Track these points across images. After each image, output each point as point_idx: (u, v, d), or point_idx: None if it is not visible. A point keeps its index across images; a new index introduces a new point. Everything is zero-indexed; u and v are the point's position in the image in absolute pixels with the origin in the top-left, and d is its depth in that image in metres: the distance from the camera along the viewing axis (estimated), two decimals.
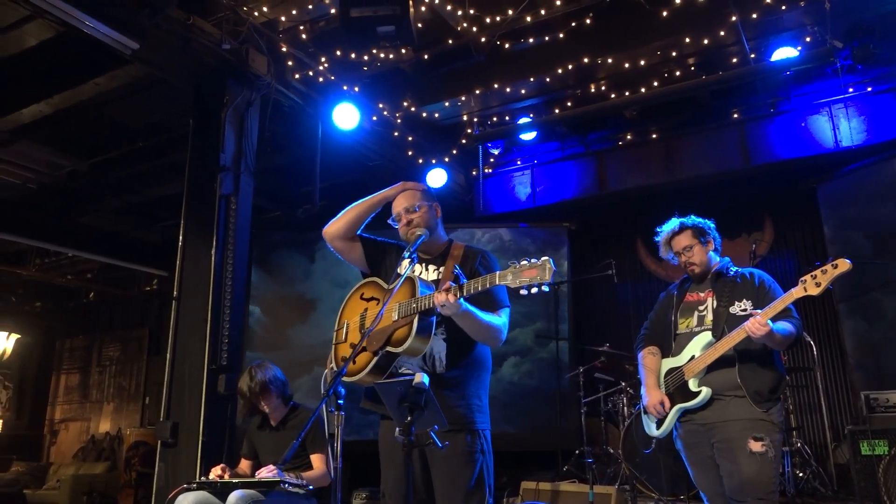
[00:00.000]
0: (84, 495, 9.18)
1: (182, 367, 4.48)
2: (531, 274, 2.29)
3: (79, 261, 9.52)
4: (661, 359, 3.29)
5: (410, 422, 2.24)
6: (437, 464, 2.61)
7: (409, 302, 2.58)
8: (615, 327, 6.88)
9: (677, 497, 4.60)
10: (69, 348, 11.42)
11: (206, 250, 4.59)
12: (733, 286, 3.18)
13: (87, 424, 10.78)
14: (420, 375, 2.25)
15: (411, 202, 2.87)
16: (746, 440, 2.91)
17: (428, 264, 2.86)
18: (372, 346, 2.62)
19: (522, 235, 6.84)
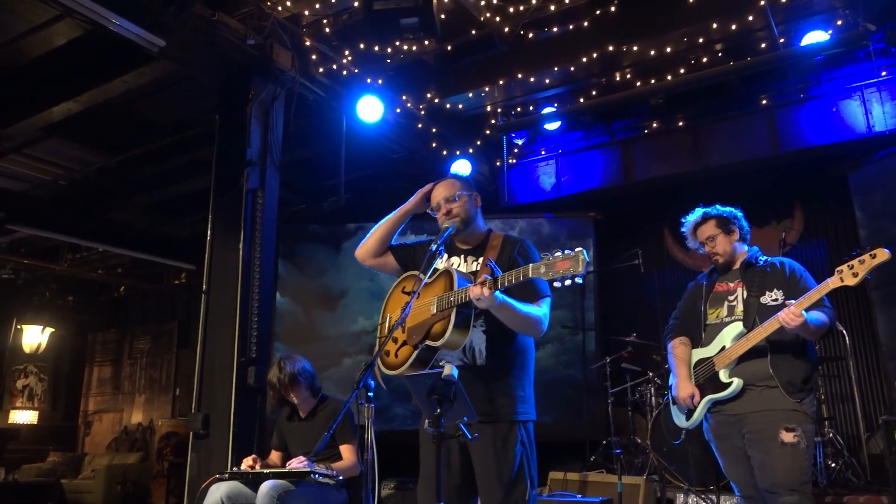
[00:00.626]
0: (118, 485, 9.38)
1: (212, 360, 4.54)
2: (564, 266, 2.28)
3: (109, 256, 9.68)
4: (689, 348, 3.27)
5: (440, 414, 2.25)
6: (478, 455, 2.61)
7: (446, 295, 2.58)
8: (642, 317, 6.83)
9: (707, 487, 4.57)
10: (101, 341, 11.63)
11: (233, 244, 4.64)
12: (763, 276, 3.14)
13: (119, 416, 10.99)
14: (449, 367, 2.25)
15: (451, 192, 2.86)
16: (778, 431, 2.88)
17: (467, 255, 2.86)
18: (412, 340, 2.64)
19: (548, 226, 6.81)
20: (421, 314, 2.67)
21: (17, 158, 6.98)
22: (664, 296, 6.64)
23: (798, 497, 2.81)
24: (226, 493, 3.54)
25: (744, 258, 3.24)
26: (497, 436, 2.60)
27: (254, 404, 4.46)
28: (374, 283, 6.56)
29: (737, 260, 3.25)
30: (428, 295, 2.68)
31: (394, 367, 2.68)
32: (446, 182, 2.91)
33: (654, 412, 5.27)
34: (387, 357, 2.74)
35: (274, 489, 3.40)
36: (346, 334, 6.44)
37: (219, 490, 3.55)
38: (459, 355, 2.66)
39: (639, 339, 5.86)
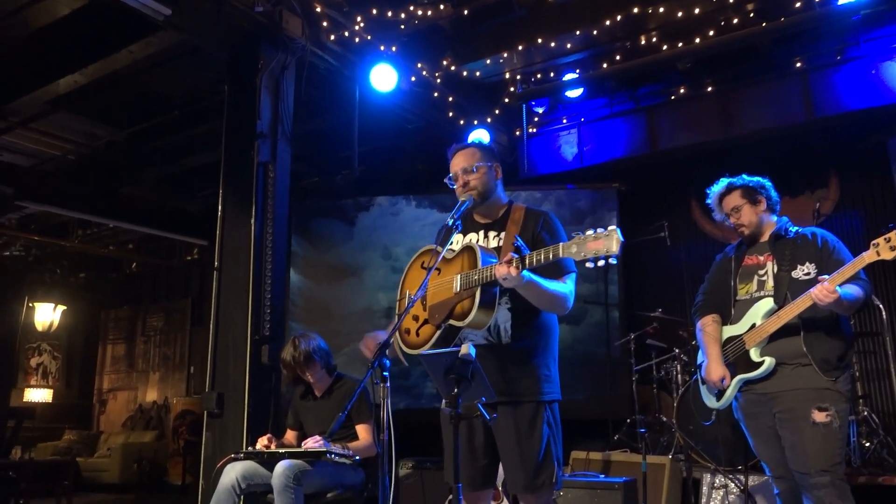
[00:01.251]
0: (134, 463, 9.60)
1: (225, 338, 4.59)
2: (597, 245, 2.24)
3: (120, 231, 9.79)
4: (719, 325, 3.24)
5: (457, 394, 2.27)
6: (503, 436, 2.62)
7: (470, 273, 2.56)
8: (668, 292, 6.78)
9: (735, 467, 4.57)
10: (114, 318, 11.82)
11: (245, 219, 4.66)
12: (794, 248, 3.09)
13: (134, 394, 11.20)
14: (466, 346, 2.26)
15: (470, 162, 2.80)
16: (810, 410, 2.86)
17: (487, 230, 2.82)
18: (434, 319, 2.64)
19: (570, 197, 6.76)
20: (443, 292, 2.67)
21: (24, 133, 7.04)
22: (691, 269, 6.58)
23: (830, 478, 2.79)
24: (241, 472, 3.60)
25: (772, 230, 3.18)
26: (523, 417, 2.61)
27: (268, 383, 4.51)
28: (390, 259, 6.58)
29: (765, 232, 3.20)
30: (449, 272, 2.67)
31: (415, 346, 2.69)
32: (465, 151, 2.85)
33: (681, 390, 5.26)
34: (407, 335, 2.75)
35: (290, 469, 3.45)
36: (362, 311, 6.47)
37: (234, 470, 3.61)
38: (484, 334, 2.66)
39: (665, 314, 5.83)
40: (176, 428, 9.81)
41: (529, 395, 2.63)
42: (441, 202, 6.57)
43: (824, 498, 2.79)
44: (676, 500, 4.61)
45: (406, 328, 2.75)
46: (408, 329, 2.74)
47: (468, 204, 2.75)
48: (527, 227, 2.73)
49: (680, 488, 4.66)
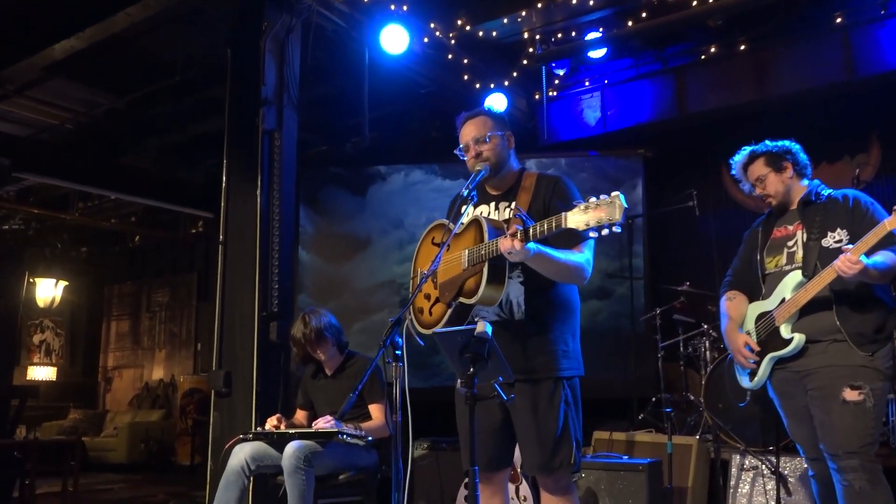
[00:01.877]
0: (141, 443, 9.79)
1: (232, 315, 4.63)
2: (600, 213, 2.23)
3: (122, 204, 9.85)
4: (745, 302, 3.19)
5: (473, 373, 2.27)
6: (520, 416, 2.63)
7: (476, 248, 2.56)
8: (696, 264, 6.73)
9: (766, 448, 4.57)
10: (118, 294, 11.96)
11: (250, 191, 4.67)
12: (825, 213, 3.01)
13: (140, 371, 11.37)
14: (482, 324, 2.26)
15: (481, 131, 2.78)
16: (841, 388, 2.82)
17: (498, 202, 2.81)
18: (445, 298, 2.65)
19: (592, 165, 6.71)
20: (452, 268, 2.67)
21: (20, 101, 7.06)
22: (721, 241, 6.52)
23: (859, 460, 2.77)
24: (250, 454, 3.65)
25: (803, 195, 3.11)
26: (539, 395, 2.61)
27: (277, 361, 4.55)
28: (403, 230, 6.58)
29: (794, 199, 3.12)
30: (458, 247, 2.67)
31: (428, 326, 2.71)
32: (476, 119, 2.83)
33: (709, 367, 5.25)
34: (420, 315, 2.77)
35: (300, 450, 3.49)
36: (375, 285, 6.49)
37: (243, 451, 3.66)
38: (496, 310, 2.66)
39: (692, 288, 5.80)
40: (183, 407, 9.97)
41: (546, 372, 2.63)
42: (456, 171, 6.54)
43: (853, 481, 2.76)
44: (704, 483, 4.62)
45: (419, 307, 2.76)
46: (421, 308, 2.76)
47: (483, 174, 2.73)
48: (538, 194, 2.71)
49: (707, 470, 4.67)
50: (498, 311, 2.66)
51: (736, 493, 4.44)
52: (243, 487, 3.61)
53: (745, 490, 4.43)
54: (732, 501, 4.43)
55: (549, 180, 2.76)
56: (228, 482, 3.60)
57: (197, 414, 9.58)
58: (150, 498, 7.45)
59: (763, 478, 4.40)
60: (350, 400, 2.63)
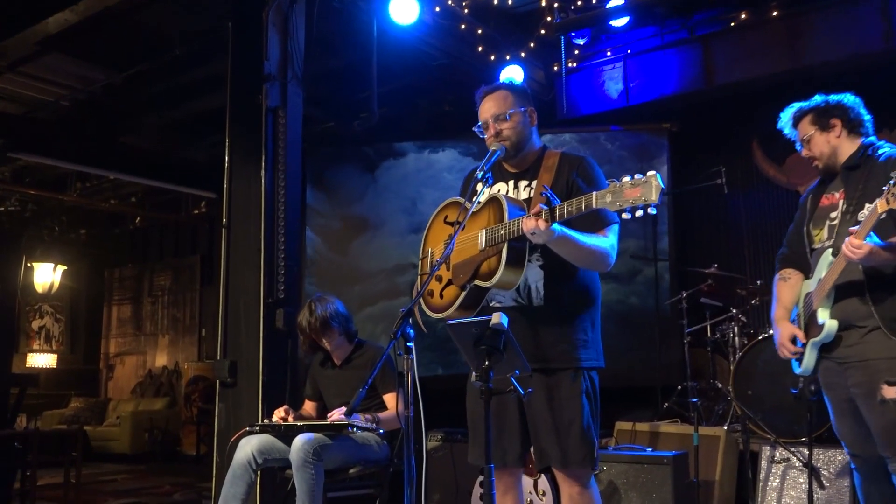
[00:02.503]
0: (145, 432, 9.89)
1: (236, 302, 4.65)
2: (634, 193, 2.20)
3: (121, 184, 9.89)
4: (800, 282, 3.05)
5: (488, 367, 2.26)
6: (536, 409, 2.62)
7: (495, 228, 2.54)
8: (724, 245, 6.70)
9: (797, 439, 4.55)
10: (119, 278, 12.04)
11: (254, 171, 4.66)
12: (867, 178, 2.79)
13: (143, 358, 11.48)
14: (498, 315, 2.25)
15: (502, 108, 2.74)
16: (880, 385, 2.70)
17: (518, 180, 2.78)
18: (458, 280, 2.63)
19: (614, 140, 6.65)
20: (467, 249, 2.65)
21: (14, 77, 7.07)
22: (751, 220, 6.48)
23: None
24: (257, 447, 3.68)
25: (851, 157, 2.90)
26: (557, 387, 2.60)
27: (284, 350, 4.57)
28: (415, 213, 6.57)
29: (840, 163, 2.94)
30: (474, 227, 2.64)
31: (439, 310, 2.69)
32: (496, 94, 2.78)
33: (738, 354, 5.23)
34: (430, 298, 2.75)
35: (309, 443, 3.51)
36: (386, 270, 6.49)
37: (249, 444, 3.69)
38: (513, 295, 2.65)
39: (720, 270, 5.76)
40: (188, 395, 10.07)
41: (566, 362, 2.62)
42: (471, 148, 6.51)
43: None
44: (732, 476, 4.62)
45: (429, 290, 2.74)
46: (431, 291, 2.74)
47: (499, 154, 2.71)
48: (561, 175, 2.68)
49: (736, 462, 4.66)
50: (515, 296, 2.65)
51: (766, 486, 4.44)
52: (250, 482, 3.64)
53: (776, 483, 4.43)
54: (762, 496, 4.43)
55: (574, 160, 2.73)
56: (235, 476, 3.63)
57: (202, 402, 9.67)
58: (155, 489, 7.54)
59: (795, 471, 4.39)
60: (360, 394, 2.64)
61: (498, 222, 2.55)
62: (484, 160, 2.67)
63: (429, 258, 2.84)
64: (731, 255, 6.23)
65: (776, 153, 6.65)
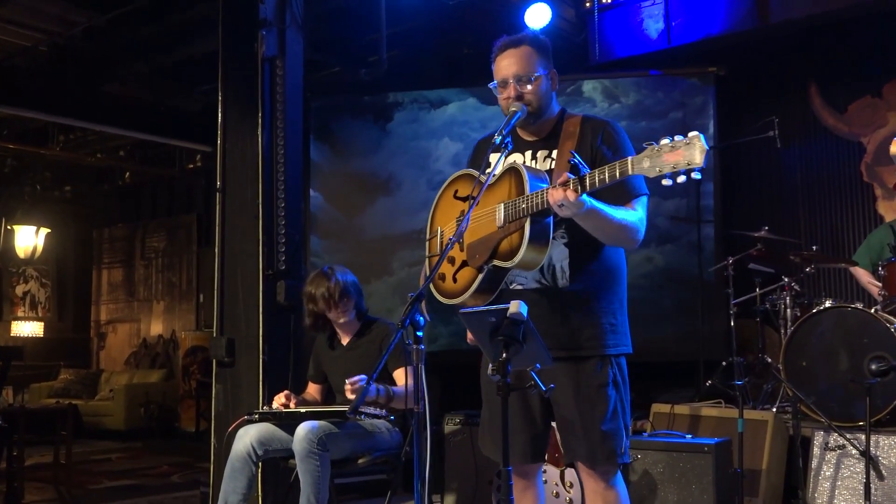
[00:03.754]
0: (140, 406, 10.07)
1: (234, 274, 4.67)
2: (675, 157, 2.17)
3: (108, 136, 9.90)
4: None
5: (506, 359, 2.25)
6: (561, 399, 2.62)
7: (515, 201, 2.51)
8: (777, 206, 6.62)
9: (855, 423, 4.53)
10: (108, 238, 12.16)
11: (250, 130, 4.65)
12: None
13: (136, 326, 11.63)
14: (517, 304, 2.23)
15: (526, 69, 2.68)
16: None
17: (536, 150, 2.74)
18: (475, 261, 2.61)
19: (653, 87, 6.54)
20: (484, 226, 2.62)
21: None
22: (807, 177, 6.39)
23: None
24: (256, 437, 3.72)
25: None
26: (584, 375, 2.60)
27: (286, 326, 4.61)
28: (430, 170, 6.53)
29: None
30: (490, 201, 2.61)
31: (453, 295, 2.68)
32: (519, 51, 2.71)
33: (790, 328, 5.18)
34: (442, 283, 2.73)
35: (313, 432, 3.55)
36: (398, 236, 6.48)
37: (248, 434, 3.73)
38: (536, 276, 2.63)
39: (772, 233, 5.69)
40: (186, 367, 10.19)
41: (593, 349, 2.62)
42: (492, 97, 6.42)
43: None
44: (780, 464, 4.61)
45: (440, 273, 2.72)
46: (442, 275, 2.71)
47: (520, 115, 2.66)
48: (584, 141, 2.64)
49: (785, 449, 4.64)
50: (539, 276, 2.63)
51: (818, 476, 4.43)
52: (251, 475, 3.69)
53: (829, 473, 4.41)
54: (813, 486, 4.42)
55: (597, 125, 2.69)
56: (234, 469, 3.68)
57: (201, 375, 9.78)
58: (152, 470, 7.71)
59: (851, 459, 4.37)
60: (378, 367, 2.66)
61: (518, 195, 2.51)
62: (503, 123, 2.62)
63: (438, 238, 2.80)
64: (785, 217, 6.17)
65: (837, 99, 6.52)
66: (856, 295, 6.06)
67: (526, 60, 2.68)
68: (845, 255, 6.29)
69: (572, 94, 6.54)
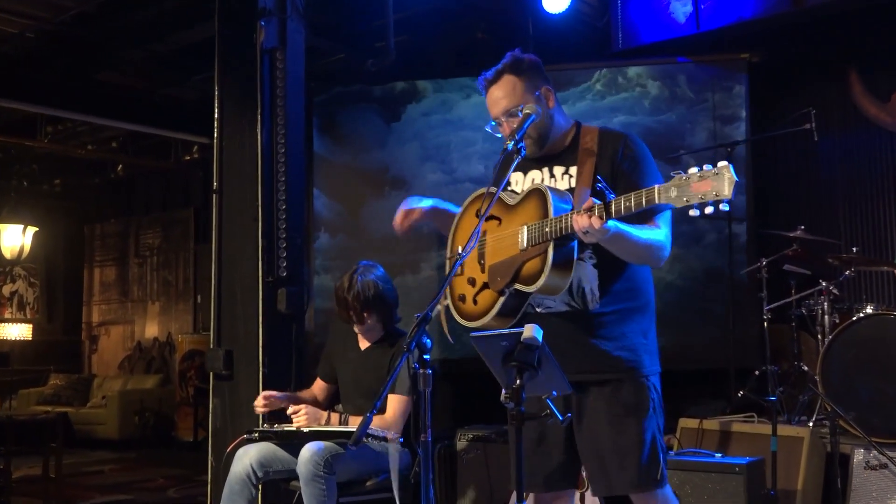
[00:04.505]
0: (135, 414, 10.13)
1: (231, 281, 4.69)
2: (703, 188, 2.24)
3: (100, 127, 9.93)
4: None
5: (521, 385, 2.25)
6: (592, 424, 2.65)
7: (539, 225, 2.57)
8: (814, 203, 6.60)
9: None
10: (100, 235, 12.22)
11: (249, 126, 4.67)
12: None
13: (130, 328, 11.69)
14: (531, 328, 2.26)
15: (511, 101, 2.75)
16: None
17: (553, 165, 2.79)
18: (496, 284, 2.67)
19: (679, 75, 6.49)
20: (506, 248, 2.68)
21: None
22: (847, 173, 6.34)
23: None
24: (256, 458, 3.74)
25: None
26: (620, 399, 2.64)
27: (287, 336, 4.62)
28: (444, 163, 6.52)
29: None
30: (513, 222, 2.67)
31: (474, 317, 2.74)
32: (500, 85, 2.78)
33: (828, 336, 5.15)
34: (462, 304, 2.79)
35: (319, 454, 3.57)
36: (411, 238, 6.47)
37: (247, 455, 3.76)
38: (566, 298, 2.68)
39: (808, 234, 5.66)
40: (183, 372, 10.24)
41: (629, 371, 2.67)
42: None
43: None
44: (817, 484, 4.58)
45: (460, 294, 2.78)
46: (462, 295, 2.77)
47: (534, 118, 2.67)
48: (603, 157, 2.70)
49: (822, 467, 4.62)
50: (568, 299, 2.68)
51: (857, 497, 4.41)
52: (250, 498, 3.71)
53: (870, 493, 4.39)
54: None
55: (615, 138, 2.73)
56: (233, 492, 3.70)
57: (199, 381, 9.82)
58: (147, 483, 7.76)
59: (893, 478, 4.35)
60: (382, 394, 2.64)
61: (541, 217, 2.57)
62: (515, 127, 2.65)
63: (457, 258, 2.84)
64: (822, 216, 6.13)
65: (880, 87, 6.46)
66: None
67: (511, 93, 2.75)
68: (888, 257, 6.24)
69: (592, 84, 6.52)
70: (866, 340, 4.84)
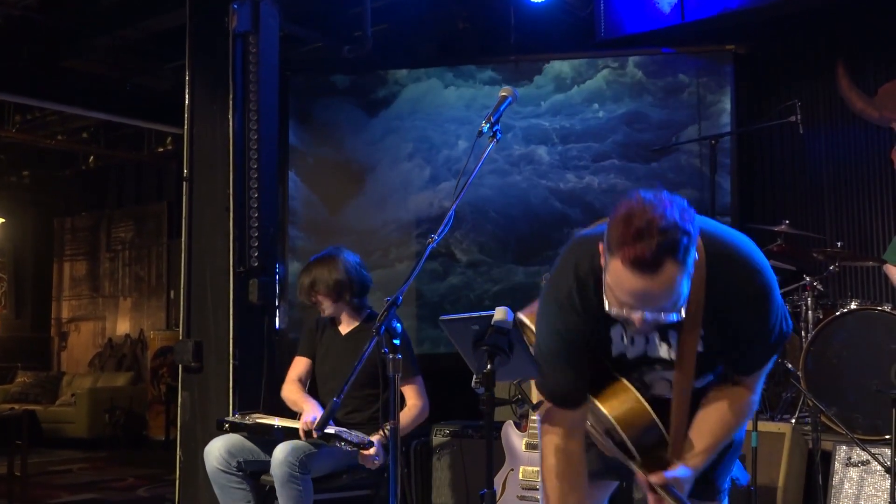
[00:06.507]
0: (105, 413, 10.07)
1: (202, 271, 4.68)
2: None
3: (70, 117, 9.88)
4: None
5: (492, 370, 2.25)
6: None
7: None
8: (799, 196, 6.63)
9: (881, 437, 4.55)
10: (70, 228, 12.15)
11: (221, 113, 4.67)
12: None
13: (101, 325, 11.64)
14: (503, 311, 2.23)
15: (670, 300, 1.99)
16: None
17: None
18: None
19: (665, 66, 6.53)
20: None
21: None
22: (833, 166, 6.38)
23: None
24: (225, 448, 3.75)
25: None
26: None
27: (259, 328, 4.62)
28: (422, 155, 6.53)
29: None
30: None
31: None
32: (659, 279, 1.93)
33: (812, 331, 5.19)
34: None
35: (292, 454, 3.56)
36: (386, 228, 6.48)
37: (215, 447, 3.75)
38: None
39: (793, 228, 5.70)
40: (155, 369, 10.20)
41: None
42: (491, 75, 6.41)
43: None
44: (798, 481, 4.61)
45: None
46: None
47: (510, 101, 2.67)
48: (711, 301, 2.11)
49: (804, 464, 4.65)
50: None
51: (839, 494, 4.44)
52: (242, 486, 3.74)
53: (851, 490, 4.42)
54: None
55: (735, 272, 2.12)
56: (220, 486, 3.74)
57: (172, 379, 9.76)
58: (117, 483, 7.72)
59: (875, 476, 4.38)
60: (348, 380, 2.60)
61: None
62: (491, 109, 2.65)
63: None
64: (807, 210, 6.16)
65: (867, 80, 6.50)
66: (884, 296, 6.06)
67: (670, 289, 1.96)
68: (874, 252, 6.28)
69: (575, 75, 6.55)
70: (850, 336, 4.87)
